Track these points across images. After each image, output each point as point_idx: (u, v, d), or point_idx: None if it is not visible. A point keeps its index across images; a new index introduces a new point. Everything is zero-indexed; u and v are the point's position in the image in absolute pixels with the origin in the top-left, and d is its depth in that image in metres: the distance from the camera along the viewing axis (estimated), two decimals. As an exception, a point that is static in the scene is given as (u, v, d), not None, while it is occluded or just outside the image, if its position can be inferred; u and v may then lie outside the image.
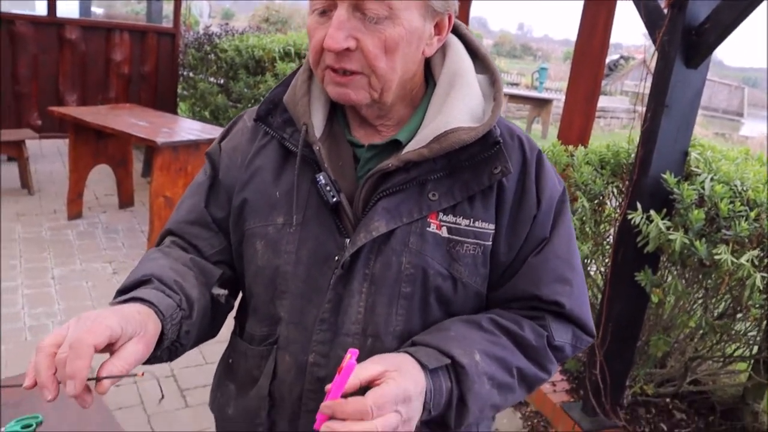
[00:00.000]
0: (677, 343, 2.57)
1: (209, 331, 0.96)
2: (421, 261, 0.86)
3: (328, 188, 0.86)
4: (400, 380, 0.74)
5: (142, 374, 0.76)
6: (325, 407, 0.71)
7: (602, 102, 13.97)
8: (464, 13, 4.32)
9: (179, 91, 6.75)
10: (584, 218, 2.46)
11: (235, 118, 1.03)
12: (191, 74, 6.86)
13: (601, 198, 2.53)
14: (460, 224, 0.87)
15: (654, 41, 2.22)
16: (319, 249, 0.88)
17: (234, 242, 0.96)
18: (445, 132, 0.85)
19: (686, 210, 2.12)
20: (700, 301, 2.40)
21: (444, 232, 0.87)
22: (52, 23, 5.80)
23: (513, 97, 12.38)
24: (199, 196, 0.98)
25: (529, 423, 2.77)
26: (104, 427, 1.21)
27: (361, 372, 0.73)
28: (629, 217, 2.21)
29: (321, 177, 0.87)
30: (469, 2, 4.26)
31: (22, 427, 1.17)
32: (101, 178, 5.35)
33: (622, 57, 22.19)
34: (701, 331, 2.39)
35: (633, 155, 2.39)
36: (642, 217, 2.19)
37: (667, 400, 2.76)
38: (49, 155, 6.34)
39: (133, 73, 6.35)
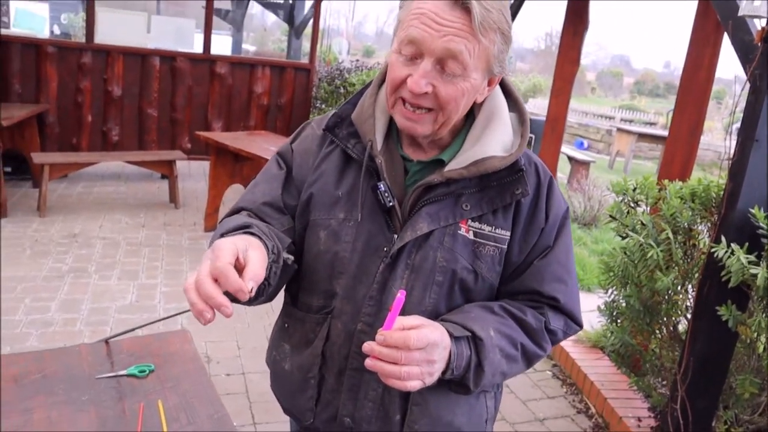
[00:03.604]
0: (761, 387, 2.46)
1: (277, 288, 1.14)
2: (452, 256, 1.08)
3: (386, 194, 1.08)
4: (434, 330, 0.96)
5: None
6: (378, 335, 0.91)
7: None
8: (578, 45, 4.40)
9: (310, 121, 7.32)
10: (670, 250, 2.46)
11: (303, 125, 1.27)
12: (323, 106, 7.43)
13: (690, 231, 2.52)
14: (484, 230, 1.09)
15: (747, 75, 2.22)
16: (372, 241, 1.10)
17: (299, 227, 1.18)
18: (483, 158, 1.07)
19: (773, 246, 2.08)
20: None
21: (471, 235, 1.09)
22: (206, 59, 6.62)
23: (643, 137, 11.82)
24: (276, 184, 1.19)
25: (610, 455, 2.76)
26: (200, 383, 1.48)
27: (404, 320, 0.95)
28: (713, 250, 2.21)
29: (381, 185, 1.08)
30: (581, 37, 4.34)
31: (139, 371, 1.48)
32: (236, 198, 5.93)
33: None
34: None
35: (724, 189, 2.38)
36: (726, 251, 2.17)
37: (761, 447, 2.62)
38: (196, 175, 7.12)
39: (271, 104, 7.02)
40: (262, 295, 1.04)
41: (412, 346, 0.90)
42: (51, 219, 5.05)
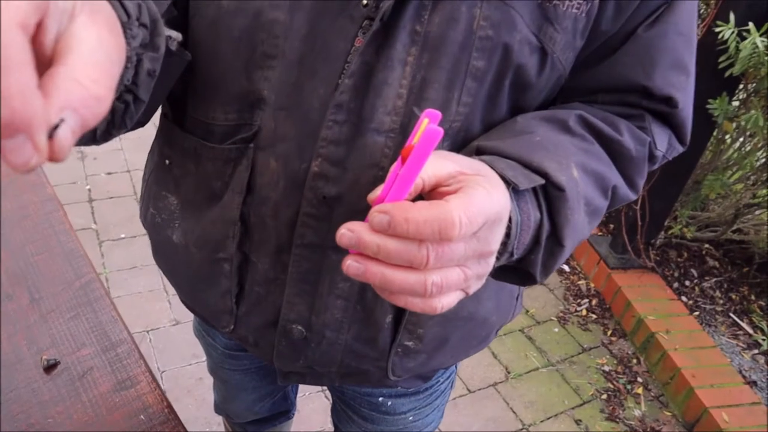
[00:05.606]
0: (729, 187, 2.28)
1: (157, 102, 0.59)
2: (505, 17, 0.52)
3: None
4: (490, 189, 0.42)
5: None
6: (375, 211, 0.40)
7: None
8: None
9: None
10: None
11: None
12: None
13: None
14: None
15: None
16: None
17: None
18: None
19: (794, 27, 1.70)
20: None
21: None
22: None
23: None
24: None
25: (548, 254, 2.60)
26: (47, 226, 0.96)
27: (427, 168, 0.42)
28: (717, 29, 1.80)
29: None
30: None
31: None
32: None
33: None
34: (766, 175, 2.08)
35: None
36: (733, 32, 1.77)
37: (703, 245, 2.54)
38: None
39: None
40: (125, 124, 0.50)
41: (457, 235, 0.39)
42: None
